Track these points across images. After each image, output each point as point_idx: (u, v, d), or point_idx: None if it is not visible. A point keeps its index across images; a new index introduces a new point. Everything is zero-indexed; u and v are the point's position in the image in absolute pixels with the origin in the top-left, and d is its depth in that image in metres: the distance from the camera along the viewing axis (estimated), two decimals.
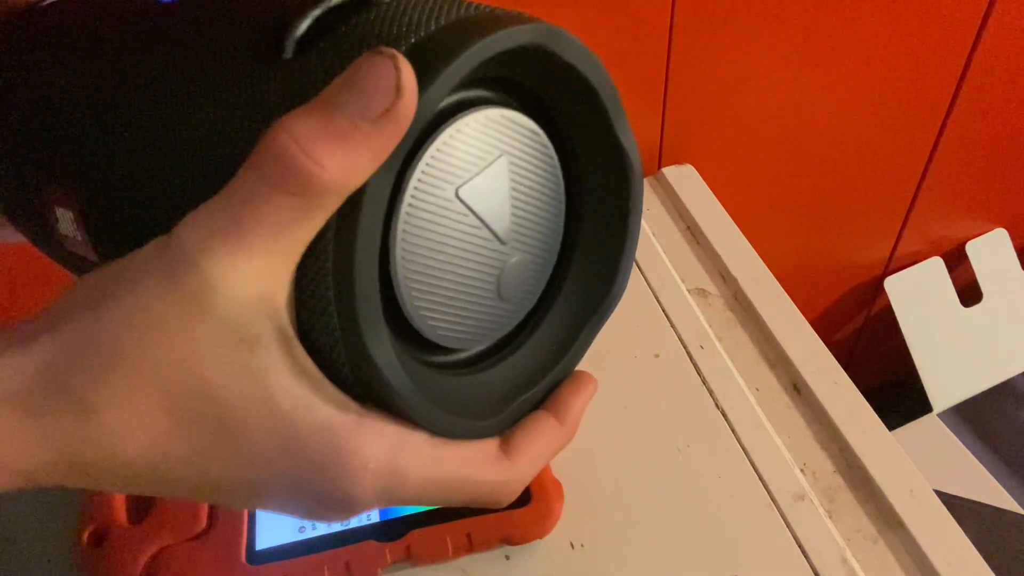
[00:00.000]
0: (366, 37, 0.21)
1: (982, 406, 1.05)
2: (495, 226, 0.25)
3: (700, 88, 0.75)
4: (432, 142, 0.23)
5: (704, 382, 0.55)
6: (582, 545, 0.46)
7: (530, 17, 0.23)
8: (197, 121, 0.23)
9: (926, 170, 0.93)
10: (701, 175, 0.76)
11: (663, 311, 0.61)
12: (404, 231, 0.23)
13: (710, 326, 0.60)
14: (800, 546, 0.46)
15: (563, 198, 0.28)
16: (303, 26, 0.22)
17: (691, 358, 0.57)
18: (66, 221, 0.27)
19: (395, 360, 0.22)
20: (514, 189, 0.25)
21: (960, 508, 0.91)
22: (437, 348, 0.26)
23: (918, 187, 0.95)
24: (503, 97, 0.25)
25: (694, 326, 0.59)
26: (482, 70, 0.22)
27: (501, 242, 0.26)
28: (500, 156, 0.25)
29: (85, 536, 0.43)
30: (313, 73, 0.21)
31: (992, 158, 0.95)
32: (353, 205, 0.20)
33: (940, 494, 0.49)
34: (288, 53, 0.22)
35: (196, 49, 0.24)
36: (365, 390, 0.22)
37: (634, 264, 0.64)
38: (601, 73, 0.26)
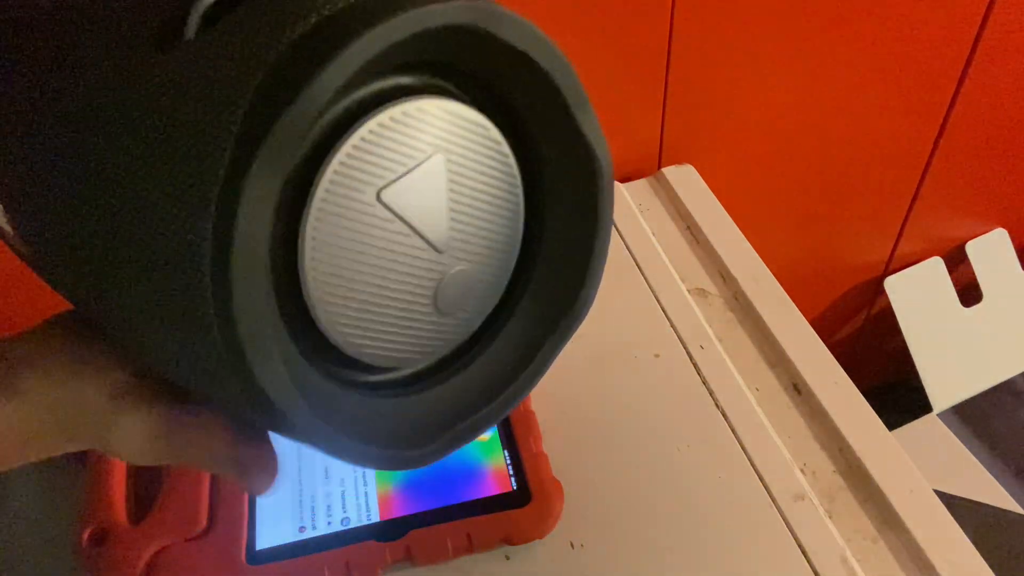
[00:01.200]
0: (272, 10, 0.19)
1: (982, 406, 1.05)
2: (429, 233, 0.22)
3: (700, 88, 0.75)
4: (348, 137, 0.20)
5: (704, 382, 0.55)
6: (582, 545, 0.46)
7: None
8: (96, 140, 0.20)
9: (926, 170, 0.93)
10: (701, 175, 0.76)
11: (663, 311, 0.61)
12: (313, 238, 0.20)
13: (710, 326, 0.60)
14: (800, 546, 0.46)
15: (520, 200, 0.25)
16: (205, 3, 0.20)
17: (691, 358, 0.57)
18: None
19: (287, 385, 0.20)
20: (453, 191, 0.22)
21: (960, 508, 0.91)
22: (370, 366, 0.24)
23: (918, 187, 0.95)
24: (445, 86, 0.23)
25: (694, 326, 0.59)
26: (410, 53, 0.20)
27: (437, 251, 0.23)
28: (434, 154, 0.22)
29: (85, 536, 0.43)
30: (203, 56, 0.19)
31: (992, 158, 0.95)
32: (227, 212, 0.18)
33: (940, 494, 0.49)
34: (191, 33, 0.20)
35: (87, 36, 0.22)
36: (261, 412, 0.20)
37: (634, 264, 0.65)
38: (551, 54, 0.22)
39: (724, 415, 0.53)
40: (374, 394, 0.24)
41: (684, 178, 0.75)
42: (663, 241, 0.68)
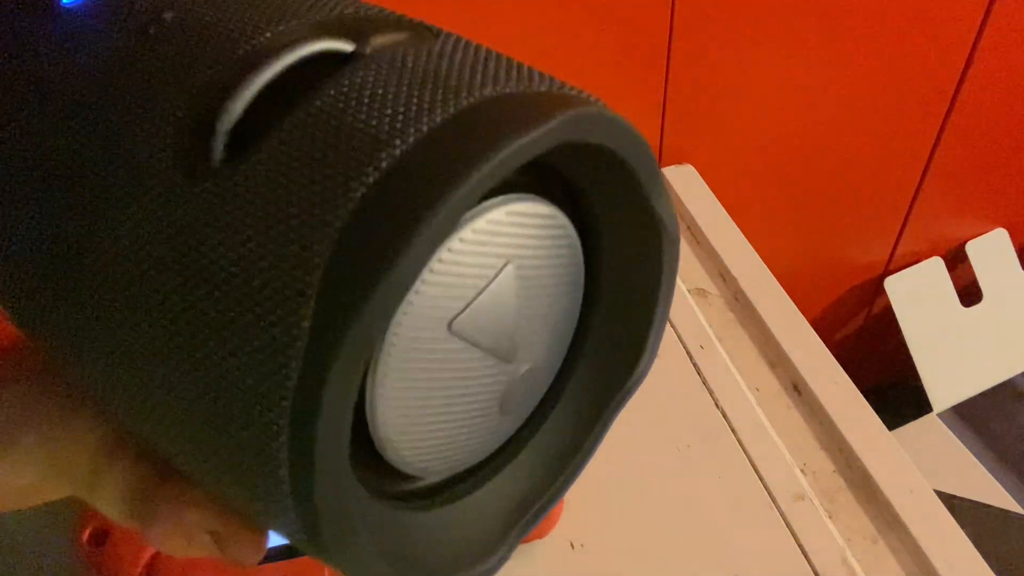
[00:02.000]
0: (323, 136, 0.15)
1: (982, 406, 1.05)
2: (500, 349, 0.20)
3: (700, 88, 0.75)
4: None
5: (704, 382, 0.55)
6: (582, 545, 0.46)
7: (558, 95, 0.17)
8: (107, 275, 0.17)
9: (926, 170, 0.93)
10: (701, 175, 0.76)
11: None
12: (383, 385, 0.17)
13: (710, 326, 0.60)
14: (800, 546, 0.46)
15: (582, 282, 0.22)
16: (233, 116, 0.16)
17: (691, 358, 0.57)
18: None
19: (373, 556, 0.17)
20: (522, 297, 0.19)
21: (960, 508, 0.91)
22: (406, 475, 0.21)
23: (918, 187, 0.95)
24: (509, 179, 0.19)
25: (694, 326, 0.59)
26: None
27: (507, 362, 0.20)
28: (506, 264, 0.18)
29: (85, 536, 0.43)
30: (248, 202, 0.15)
31: (992, 158, 0.95)
32: (310, 408, 0.15)
33: (940, 494, 0.49)
34: (216, 157, 0.16)
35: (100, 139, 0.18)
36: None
37: None
38: (635, 143, 0.19)
39: (724, 415, 0.53)
40: (418, 507, 0.21)
41: (684, 178, 0.75)
42: None
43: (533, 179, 0.19)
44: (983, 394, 1.05)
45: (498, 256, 0.18)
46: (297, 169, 0.15)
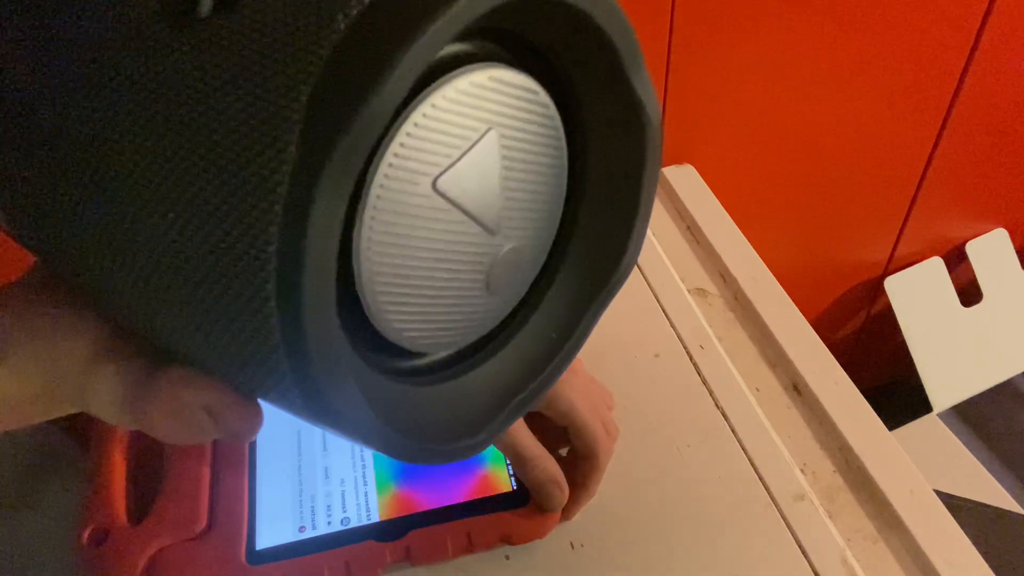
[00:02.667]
0: None
1: (982, 406, 1.05)
2: (483, 216, 0.20)
3: (700, 88, 0.75)
4: (400, 124, 0.18)
5: (704, 382, 0.55)
6: (582, 545, 0.46)
7: None
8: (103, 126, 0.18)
9: (926, 170, 0.93)
10: (701, 175, 0.76)
11: (663, 311, 0.61)
12: (368, 238, 0.18)
13: (710, 326, 0.60)
14: (800, 546, 0.46)
15: (565, 169, 0.23)
16: None
17: (691, 358, 0.57)
18: None
19: (362, 404, 0.18)
20: (505, 167, 0.20)
21: (960, 508, 0.91)
22: (410, 352, 0.22)
23: (918, 187, 0.95)
24: (484, 46, 0.20)
25: (694, 326, 0.59)
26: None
27: (491, 232, 0.21)
28: (488, 130, 0.19)
29: (85, 536, 0.43)
30: (236, 47, 0.16)
31: (992, 158, 0.95)
32: (296, 232, 0.16)
33: (940, 494, 0.49)
34: (204, 9, 0.17)
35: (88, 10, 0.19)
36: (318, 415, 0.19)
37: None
38: (611, 11, 0.20)
39: (724, 415, 0.53)
40: (413, 385, 0.22)
41: (684, 178, 0.75)
42: (663, 241, 0.68)
43: (520, 63, 0.20)
44: (983, 394, 1.05)
45: (481, 120, 0.19)
46: (282, 12, 0.16)
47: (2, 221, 0.23)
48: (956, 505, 0.90)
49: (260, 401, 0.22)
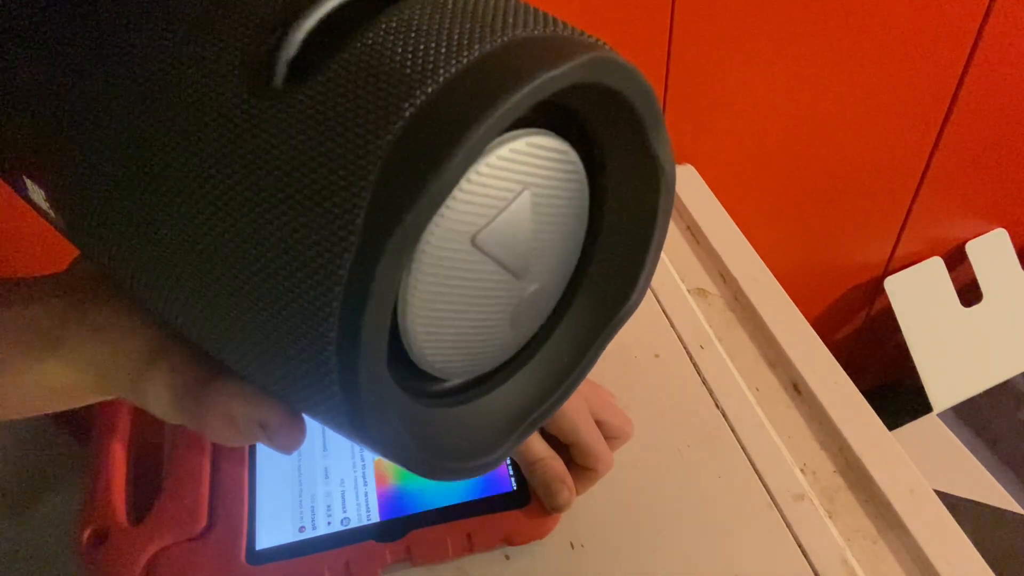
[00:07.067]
0: (378, 64, 0.18)
1: (982, 406, 1.05)
2: (514, 265, 0.22)
3: (700, 88, 0.75)
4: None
5: (704, 382, 0.55)
6: (582, 545, 0.46)
7: (578, 40, 0.20)
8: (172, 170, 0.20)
9: (926, 170, 0.93)
10: (701, 175, 0.76)
11: (663, 311, 0.61)
12: (414, 288, 0.20)
13: (710, 326, 0.60)
14: (800, 546, 0.46)
15: (586, 215, 0.25)
16: (296, 42, 0.19)
17: (691, 358, 0.57)
18: (36, 193, 0.25)
19: (399, 427, 0.20)
20: (535, 221, 0.22)
21: (960, 508, 0.91)
22: (433, 377, 0.24)
23: (918, 187, 0.95)
24: (530, 116, 0.22)
25: (694, 326, 0.59)
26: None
27: (519, 278, 0.23)
28: (523, 191, 0.21)
29: (85, 536, 0.43)
30: (311, 120, 0.18)
31: (992, 158, 0.95)
32: (360, 291, 0.17)
33: (940, 494, 0.49)
34: (278, 81, 0.18)
35: (165, 56, 0.20)
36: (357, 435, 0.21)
37: None
38: (642, 88, 0.22)
39: (724, 415, 0.53)
40: (435, 405, 0.24)
41: (684, 178, 0.75)
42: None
43: (551, 120, 0.22)
44: (983, 394, 1.05)
45: (517, 182, 0.21)
46: (354, 91, 0.18)
47: (60, 222, 0.24)
48: (956, 505, 0.90)
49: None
